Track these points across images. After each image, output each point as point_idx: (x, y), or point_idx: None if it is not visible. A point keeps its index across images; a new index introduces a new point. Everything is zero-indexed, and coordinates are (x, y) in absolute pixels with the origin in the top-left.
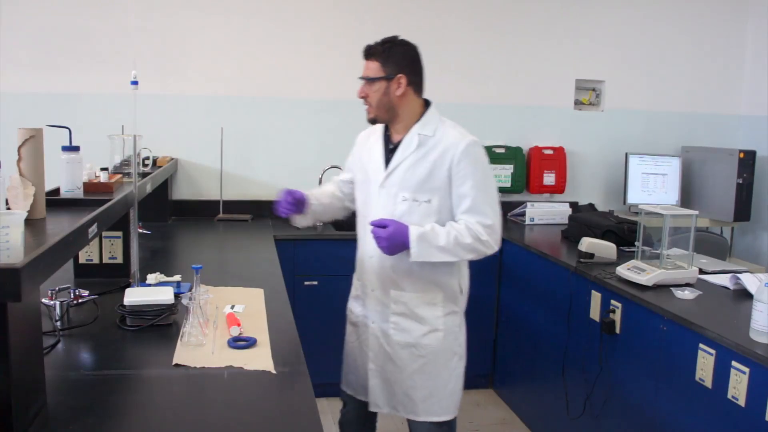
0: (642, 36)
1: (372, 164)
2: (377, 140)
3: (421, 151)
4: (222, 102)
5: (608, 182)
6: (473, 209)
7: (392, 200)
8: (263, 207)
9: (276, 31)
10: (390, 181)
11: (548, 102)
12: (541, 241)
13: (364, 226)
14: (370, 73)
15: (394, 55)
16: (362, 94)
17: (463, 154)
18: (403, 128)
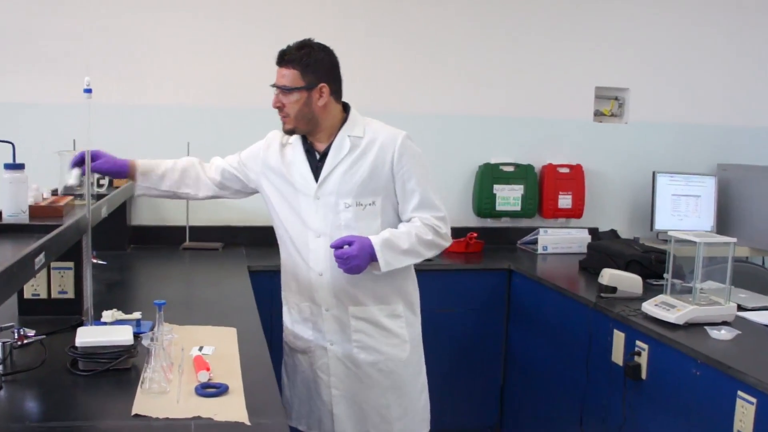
0: (672, 38)
1: (297, 176)
2: (296, 151)
3: (355, 154)
4: (189, 113)
5: (633, 205)
6: (424, 204)
7: (332, 209)
8: (236, 234)
9: (253, 32)
10: (325, 190)
11: (564, 113)
12: (555, 272)
13: (301, 243)
14: (286, 82)
15: (314, 62)
16: (277, 104)
17: (402, 148)
18: (326, 135)
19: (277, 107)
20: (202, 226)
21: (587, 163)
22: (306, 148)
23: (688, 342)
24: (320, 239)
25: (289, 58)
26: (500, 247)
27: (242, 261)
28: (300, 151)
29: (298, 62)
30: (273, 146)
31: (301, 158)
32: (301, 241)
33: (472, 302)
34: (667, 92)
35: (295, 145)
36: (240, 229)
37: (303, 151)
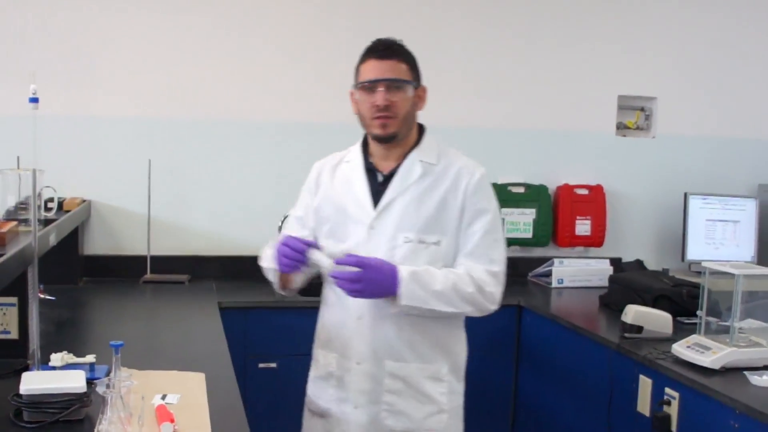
0: (707, 40)
1: (351, 199)
2: (355, 170)
3: (425, 182)
4: (150, 126)
5: (661, 232)
6: (478, 252)
7: (389, 243)
8: (205, 265)
9: (223, 35)
10: (384, 219)
11: (582, 126)
12: (572, 309)
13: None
14: (401, 74)
15: (416, 63)
16: (386, 101)
17: (478, 186)
18: (397, 154)
19: (385, 106)
20: (166, 255)
21: (609, 184)
22: (367, 166)
23: (726, 389)
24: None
25: (398, 50)
26: (509, 280)
27: (211, 296)
28: (360, 169)
29: (406, 55)
30: (323, 173)
31: (360, 178)
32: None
33: (476, 342)
34: (701, 102)
35: (354, 163)
36: (209, 259)
37: (363, 170)
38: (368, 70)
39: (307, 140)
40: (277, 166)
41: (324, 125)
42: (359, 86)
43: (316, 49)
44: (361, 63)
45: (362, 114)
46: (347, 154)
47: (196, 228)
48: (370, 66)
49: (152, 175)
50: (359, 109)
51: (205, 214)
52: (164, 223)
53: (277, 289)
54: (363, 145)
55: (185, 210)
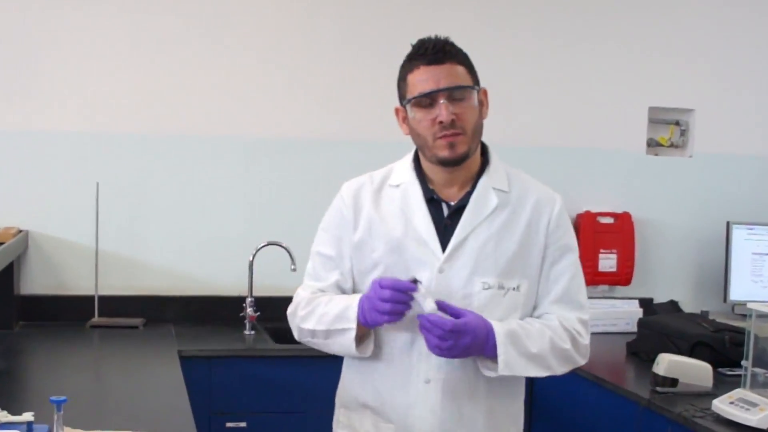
0: (752, 43)
1: (412, 236)
2: (412, 198)
3: (502, 215)
4: (99, 143)
5: (700, 268)
6: (568, 297)
7: (464, 289)
8: (162, 306)
9: (186, 37)
10: (457, 261)
11: (606, 143)
12: (594, 358)
13: (402, 335)
14: (462, 79)
15: (471, 62)
16: (451, 116)
17: (560, 217)
18: (462, 180)
19: (451, 121)
20: (117, 295)
21: (638, 211)
22: (428, 195)
23: None
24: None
25: (451, 49)
26: None
27: (170, 343)
28: (419, 197)
29: (461, 55)
30: (362, 198)
31: (422, 209)
32: (400, 337)
33: None
34: (747, 115)
35: (408, 189)
36: (167, 300)
37: (423, 200)
38: (421, 80)
39: (285, 159)
40: (249, 189)
41: (305, 141)
42: (412, 101)
43: (296, 52)
44: (408, 72)
45: (420, 134)
46: (389, 174)
47: (152, 263)
48: (423, 74)
49: (101, 201)
50: (414, 128)
51: (164, 246)
52: (115, 258)
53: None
54: (416, 165)
55: (140, 242)
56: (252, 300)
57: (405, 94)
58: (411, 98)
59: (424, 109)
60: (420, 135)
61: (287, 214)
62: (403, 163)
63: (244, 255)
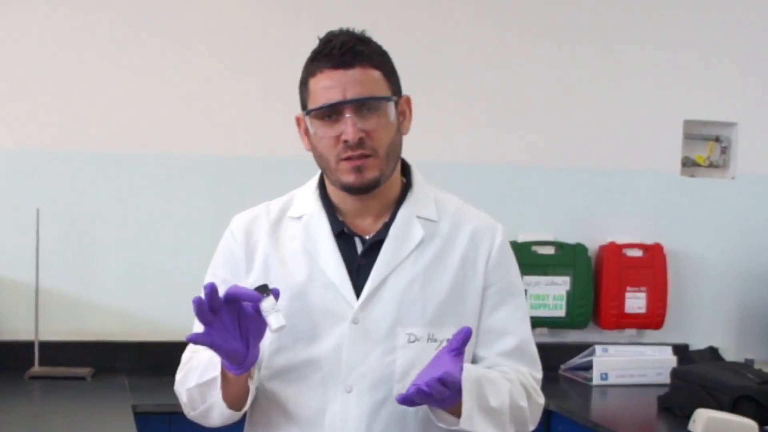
0: None
1: (318, 280)
2: (318, 232)
3: (429, 250)
4: (39, 162)
5: (744, 309)
6: (520, 352)
7: (385, 343)
8: (113, 354)
9: (142, 40)
10: (374, 310)
11: (634, 162)
12: (620, 414)
13: (309, 405)
14: (375, 87)
15: (391, 63)
16: (359, 133)
17: (501, 252)
18: (377, 208)
19: (358, 140)
20: (60, 341)
21: (671, 243)
22: (338, 229)
23: None
24: (351, 395)
25: (363, 49)
26: None
27: (123, 397)
28: (326, 232)
29: (377, 56)
30: (256, 235)
31: (329, 246)
32: (308, 403)
33: None
34: None
35: (313, 222)
36: (119, 346)
37: (331, 234)
38: (324, 87)
39: (258, 181)
40: (216, 216)
41: (281, 161)
42: (313, 113)
43: (271, 59)
44: (311, 76)
45: (321, 154)
46: (290, 203)
47: (102, 303)
48: (326, 80)
49: (42, 231)
50: (315, 145)
51: (116, 284)
52: (58, 297)
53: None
54: (321, 192)
55: (88, 279)
56: None
57: (306, 102)
58: (311, 109)
59: (326, 123)
60: (322, 155)
61: None
62: (306, 190)
63: None
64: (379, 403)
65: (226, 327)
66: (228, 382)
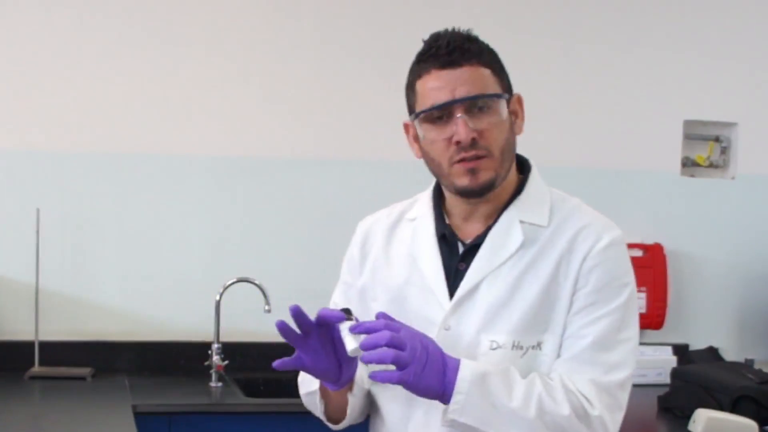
0: None
1: (417, 283)
2: (422, 236)
3: (527, 256)
4: (39, 163)
5: (744, 309)
6: (585, 356)
7: (467, 350)
8: (114, 354)
9: (142, 39)
10: (464, 316)
11: (634, 162)
12: None
13: (397, 406)
14: (486, 86)
15: (501, 61)
16: (472, 134)
17: (601, 255)
18: (487, 211)
19: (471, 141)
20: (60, 341)
21: (671, 243)
22: (440, 232)
23: None
24: (433, 404)
25: (472, 47)
26: None
27: (124, 397)
28: (429, 235)
29: (488, 56)
30: (372, 237)
31: (430, 250)
32: (395, 410)
33: None
34: None
35: (421, 225)
36: (120, 346)
37: (435, 238)
38: (432, 87)
39: (257, 182)
40: (215, 217)
41: (281, 162)
42: (422, 115)
43: (270, 58)
44: (417, 78)
45: (433, 158)
46: (411, 206)
47: (102, 304)
48: (434, 81)
49: (42, 231)
50: (426, 150)
51: (115, 284)
52: (58, 297)
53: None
54: (435, 195)
55: (87, 279)
56: (219, 346)
57: (414, 106)
58: (420, 112)
59: (437, 125)
60: (434, 159)
61: (260, 246)
62: (426, 193)
63: (209, 294)
64: None
65: (317, 348)
66: (329, 395)
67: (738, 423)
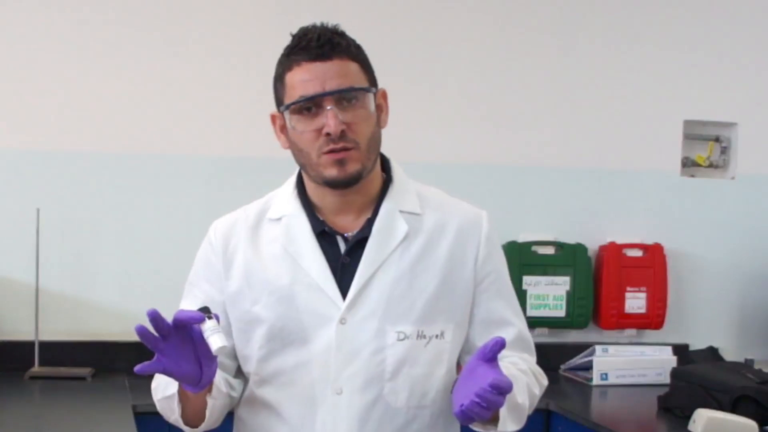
0: None
1: (302, 282)
2: (299, 232)
3: (415, 245)
4: (39, 163)
5: (744, 309)
6: (521, 341)
7: (374, 342)
8: (114, 354)
9: (141, 38)
10: (361, 309)
11: (634, 163)
12: (620, 415)
13: (298, 408)
14: (354, 79)
15: (366, 56)
16: (341, 125)
17: (489, 242)
18: (358, 204)
19: (338, 132)
20: (60, 341)
21: (671, 243)
22: (319, 228)
23: None
24: (341, 397)
25: (340, 43)
26: None
27: (123, 397)
28: (307, 232)
29: (356, 51)
30: (234, 240)
31: (311, 245)
32: (299, 407)
33: None
34: None
35: (293, 223)
36: (120, 346)
37: (312, 234)
38: (302, 80)
39: (257, 182)
40: (216, 217)
41: (281, 161)
42: (291, 107)
43: (270, 57)
44: (287, 70)
45: (301, 149)
46: (269, 205)
47: (102, 303)
48: (305, 73)
49: (41, 231)
50: (294, 141)
51: (115, 284)
52: (58, 297)
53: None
54: (300, 192)
55: (87, 279)
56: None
57: (282, 98)
58: (290, 103)
59: (306, 117)
60: (302, 150)
61: None
62: (284, 191)
63: None
64: (370, 403)
65: (177, 351)
66: (188, 398)
67: (738, 423)
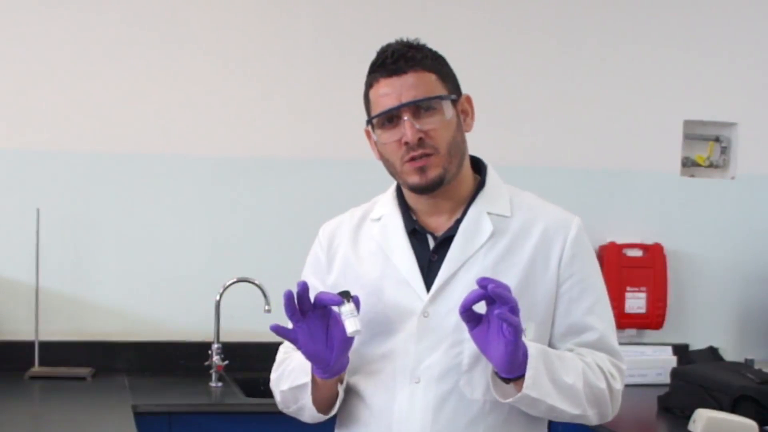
0: None
1: (391, 276)
2: (392, 232)
3: (499, 245)
4: (39, 162)
5: (744, 309)
6: (603, 344)
7: (452, 337)
8: (114, 354)
9: (142, 37)
10: (443, 304)
11: (634, 163)
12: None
13: (380, 393)
14: (430, 89)
15: (447, 66)
16: (417, 134)
17: (575, 245)
18: (450, 206)
19: (417, 140)
20: (60, 341)
21: (671, 243)
22: (410, 227)
23: None
24: (419, 386)
25: (416, 54)
26: None
27: (124, 397)
28: (399, 231)
29: (431, 60)
30: (338, 239)
31: (402, 244)
32: (380, 394)
33: None
34: None
35: (388, 221)
36: (120, 346)
37: (405, 233)
38: (382, 95)
39: (257, 181)
40: (215, 217)
41: (280, 161)
42: (374, 121)
43: (270, 58)
44: (369, 88)
45: (388, 160)
46: (372, 207)
47: (102, 303)
48: (383, 88)
49: (42, 231)
50: (382, 153)
51: (115, 284)
52: (58, 297)
53: (312, 415)
54: (398, 195)
55: (87, 279)
56: (219, 346)
57: (369, 114)
58: (372, 117)
59: (387, 129)
60: (388, 160)
61: (260, 245)
62: (387, 194)
63: (209, 294)
64: (445, 393)
65: (312, 330)
66: (317, 386)
67: (738, 423)
